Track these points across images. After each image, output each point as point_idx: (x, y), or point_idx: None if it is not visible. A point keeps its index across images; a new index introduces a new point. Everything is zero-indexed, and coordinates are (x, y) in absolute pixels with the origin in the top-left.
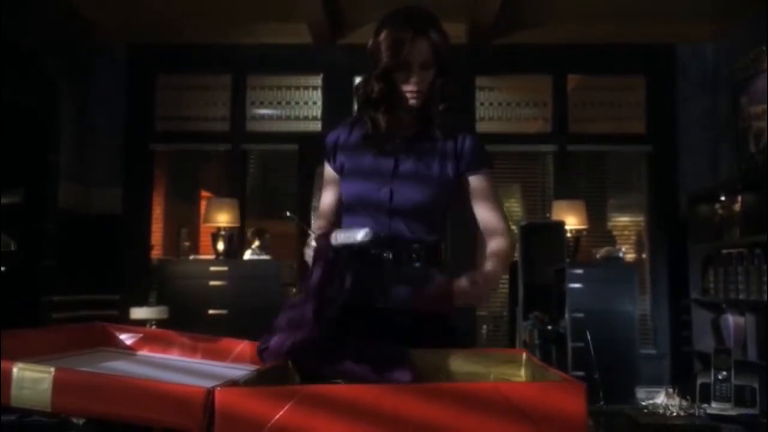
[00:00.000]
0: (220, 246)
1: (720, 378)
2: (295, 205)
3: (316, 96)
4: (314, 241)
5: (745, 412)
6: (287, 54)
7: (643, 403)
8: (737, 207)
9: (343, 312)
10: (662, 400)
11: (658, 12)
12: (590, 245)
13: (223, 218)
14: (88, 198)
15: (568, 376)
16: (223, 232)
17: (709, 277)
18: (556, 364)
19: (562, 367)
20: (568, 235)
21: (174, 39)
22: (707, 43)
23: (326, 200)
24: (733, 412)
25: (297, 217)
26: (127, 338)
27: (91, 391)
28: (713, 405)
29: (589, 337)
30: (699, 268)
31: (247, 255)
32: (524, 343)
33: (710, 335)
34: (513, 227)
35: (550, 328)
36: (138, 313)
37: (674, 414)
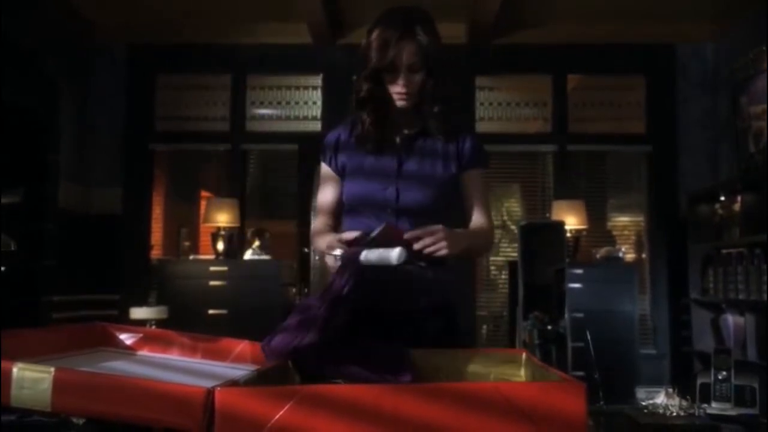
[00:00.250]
0: (220, 246)
1: (720, 378)
2: (295, 205)
3: (316, 96)
4: (343, 254)
5: (745, 412)
6: (287, 54)
7: (643, 403)
8: (737, 207)
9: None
10: (662, 400)
11: (658, 12)
12: (590, 245)
13: (223, 218)
14: (88, 198)
15: (568, 376)
16: (223, 232)
17: (709, 277)
18: (556, 364)
19: (562, 367)
20: (568, 235)
21: (174, 39)
22: (707, 43)
23: (325, 198)
24: (733, 412)
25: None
26: (127, 338)
27: (91, 391)
28: (713, 405)
29: (589, 337)
30: (699, 268)
31: (248, 255)
32: (524, 343)
33: (710, 335)
34: (513, 227)
35: (550, 328)
36: (138, 313)
37: (674, 414)
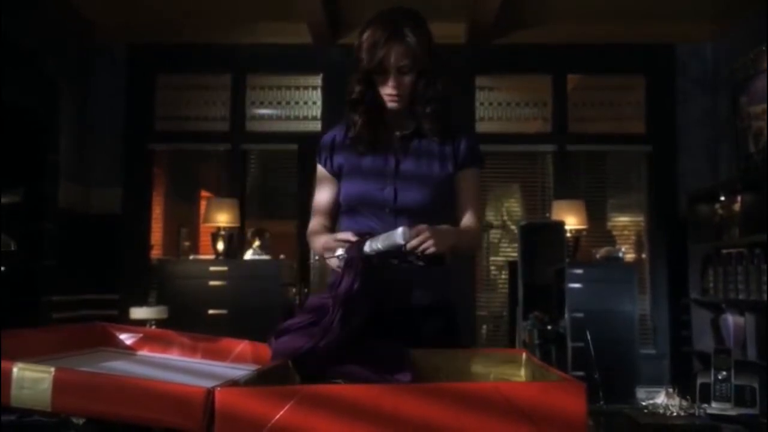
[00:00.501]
0: (220, 246)
1: (720, 378)
2: (295, 205)
3: (316, 96)
4: (346, 251)
5: (745, 412)
6: (287, 54)
7: (643, 403)
8: (737, 207)
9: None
10: (662, 400)
11: (658, 12)
12: (590, 245)
13: (223, 218)
14: (88, 198)
15: (568, 376)
16: (223, 232)
17: (709, 277)
18: (556, 364)
19: (562, 367)
20: (568, 235)
21: (174, 39)
22: (707, 43)
23: (321, 198)
24: (733, 412)
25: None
26: (127, 338)
27: (91, 391)
28: (713, 405)
29: (589, 337)
30: (699, 268)
31: (249, 255)
32: (524, 343)
33: (710, 335)
34: (513, 227)
35: (549, 328)
36: (138, 313)
37: (674, 414)
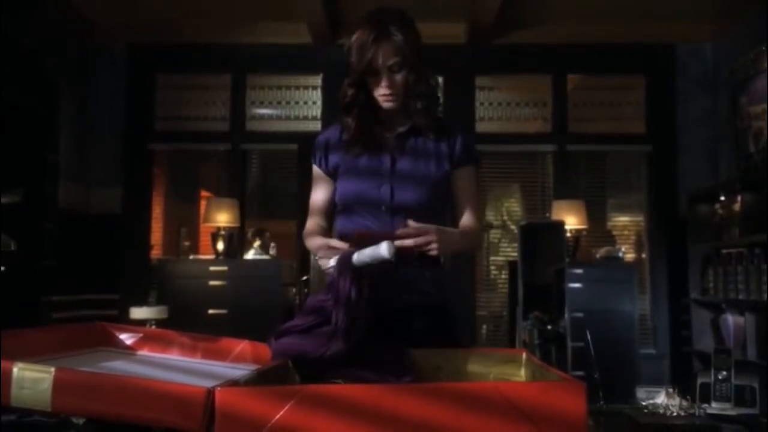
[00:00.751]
0: (220, 246)
1: (720, 378)
2: (295, 205)
3: (316, 96)
4: (336, 261)
5: (745, 412)
6: (287, 54)
7: (643, 403)
8: (737, 207)
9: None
10: (662, 400)
11: (658, 12)
12: (590, 245)
13: (223, 218)
14: (88, 198)
15: (568, 376)
16: (223, 232)
17: (709, 277)
18: (556, 364)
19: (562, 367)
20: (568, 234)
21: (174, 39)
22: (707, 43)
23: (317, 198)
24: (733, 412)
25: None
26: (127, 338)
27: (91, 391)
28: (713, 405)
29: (589, 336)
30: (698, 268)
31: (250, 255)
32: (524, 343)
33: (710, 335)
34: (513, 227)
35: (549, 328)
36: (138, 313)
37: (674, 414)
